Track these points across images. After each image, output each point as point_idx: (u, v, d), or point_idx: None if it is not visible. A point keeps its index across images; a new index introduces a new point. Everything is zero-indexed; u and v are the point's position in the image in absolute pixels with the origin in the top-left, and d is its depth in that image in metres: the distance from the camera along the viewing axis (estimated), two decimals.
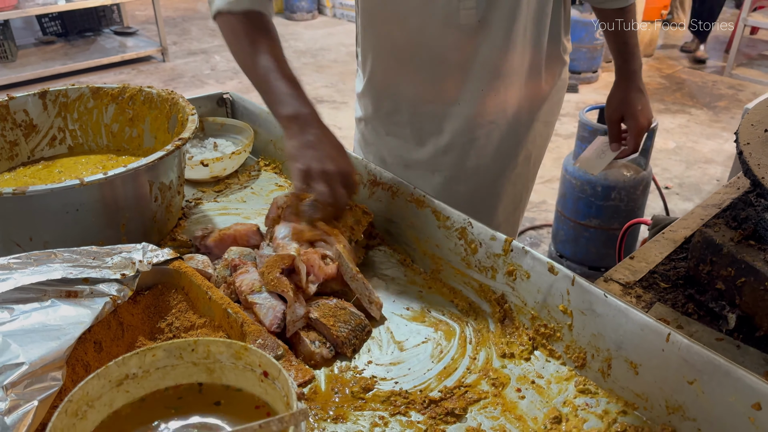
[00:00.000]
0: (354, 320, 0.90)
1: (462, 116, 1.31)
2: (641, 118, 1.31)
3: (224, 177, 1.37)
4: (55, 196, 0.94)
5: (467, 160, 1.37)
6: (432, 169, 1.39)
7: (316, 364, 0.87)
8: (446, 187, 1.39)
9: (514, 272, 0.92)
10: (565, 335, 0.86)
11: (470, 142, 1.35)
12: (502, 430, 0.77)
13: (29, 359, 0.67)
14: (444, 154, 1.37)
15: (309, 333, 0.88)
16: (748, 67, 5.65)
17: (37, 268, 0.82)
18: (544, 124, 1.41)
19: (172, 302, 0.90)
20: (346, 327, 0.89)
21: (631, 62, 1.33)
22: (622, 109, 1.33)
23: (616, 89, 1.36)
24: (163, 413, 0.63)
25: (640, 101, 1.32)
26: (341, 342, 0.88)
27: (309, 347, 0.86)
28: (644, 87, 1.35)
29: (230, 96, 1.56)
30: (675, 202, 3.46)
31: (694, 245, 0.95)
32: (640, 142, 1.33)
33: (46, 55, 5.41)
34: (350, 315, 0.90)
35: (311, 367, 0.86)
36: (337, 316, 0.89)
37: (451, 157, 1.36)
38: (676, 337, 0.73)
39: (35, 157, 1.30)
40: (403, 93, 1.33)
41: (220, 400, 0.64)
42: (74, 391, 0.57)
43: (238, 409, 0.63)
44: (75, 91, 1.29)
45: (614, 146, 1.37)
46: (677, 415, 0.74)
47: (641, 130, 1.32)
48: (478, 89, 1.27)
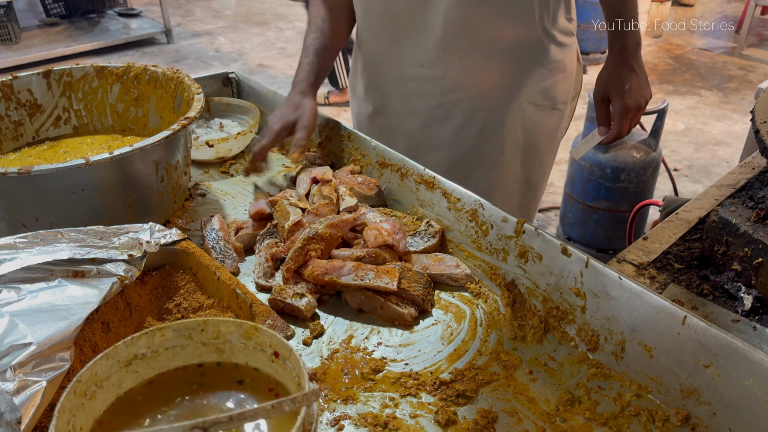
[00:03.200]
0: (422, 278, 0.93)
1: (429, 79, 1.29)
2: (627, 99, 1.19)
3: (230, 158, 1.36)
4: (61, 176, 0.92)
5: (443, 128, 1.33)
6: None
7: (408, 324, 0.89)
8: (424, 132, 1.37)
9: (526, 254, 0.91)
10: (578, 318, 0.85)
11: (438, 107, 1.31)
12: (513, 411, 0.76)
13: (37, 339, 0.67)
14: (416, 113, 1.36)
15: (389, 297, 0.90)
16: (759, 47, 5.57)
17: (44, 247, 0.81)
18: (534, 107, 1.32)
19: (180, 283, 0.89)
20: (419, 285, 0.92)
21: (621, 38, 1.21)
22: (608, 88, 1.22)
23: (605, 67, 1.26)
24: (185, 390, 0.62)
25: (629, 80, 1.20)
26: (421, 299, 0.91)
27: (398, 309, 0.89)
28: (640, 66, 1.22)
29: (236, 75, 1.54)
30: (684, 184, 3.43)
31: (710, 225, 0.94)
32: (625, 126, 1.22)
33: (49, 37, 5.37)
34: (416, 274, 0.94)
35: (402, 329, 0.89)
36: (408, 278, 0.92)
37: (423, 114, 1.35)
38: (693, 320, 0.72)
39: (40, 137, 1.29)
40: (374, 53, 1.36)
41: (243, 378, 0.64)
42: (83, 371, 0.56)
43: (259, 388, 0.63)
44: (79, 70, 1.28)
45: (601, 130, 1.26)
46: (692, 399, 0.73)
47: (625, 111, 1.20)
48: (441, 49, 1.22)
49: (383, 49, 1.32)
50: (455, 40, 1.21)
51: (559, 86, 1.33)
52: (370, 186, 1.14)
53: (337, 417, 0.75)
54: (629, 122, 1.22)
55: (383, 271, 0.90)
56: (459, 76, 1.26)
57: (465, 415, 0.76)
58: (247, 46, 5.60)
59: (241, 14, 6.49)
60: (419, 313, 0.92)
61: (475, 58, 1.24)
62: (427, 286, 0.93)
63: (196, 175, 1.31)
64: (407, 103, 1.35)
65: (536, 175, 1.44)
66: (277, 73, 5.03)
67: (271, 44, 5.68)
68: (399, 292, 0.90)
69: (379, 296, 0.90)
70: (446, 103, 1.30)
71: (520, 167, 1.39)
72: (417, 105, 1.33)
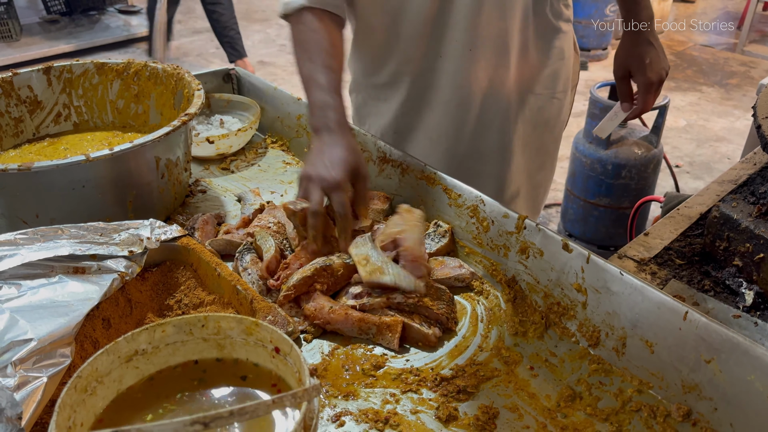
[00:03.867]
0: (444, 295, 0.90)
1: (444, 71, 1.25)
2: (649, 73, 1.22)
3: (230, 154, 1.36)
4: (61, 173, 0.92)
5: (457, 123, 1.31)
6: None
7: (433, 345, 0.85)
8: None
9: (527, 250, 0.90)
10: (579, 313, 0.85)
11: (451, 101, 1.29)
12: (514, 407, 0.76)
13: (38, 335, 0.67)
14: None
15: (413, 317, 0.87)
16: (761, 43, 5.55)
17: (44, 244, 0.81)
18: (535, 96, 1.33)
19: (181, 279, 0.89)
20: (442, 303, 0.88)
21: (636, 12, 1.23)
22: (629, 64, 1.24)
23: (622, 43, 1.27)
24: (186, 386, 0.62)
25: (649, 55, 1.22)
26: (445, 318, 0.87)
27: (422, 330, 0.85)
28: (656, 38, 1.24)
29: (236, 72, 1.53)
30: (685, 180, 3.42)
31: (711, 221, 0.94)
32: (650, 99, 1.24)
33: (50, 34, 5.36)
34: (438, 290, 0.90)
35: (427, 351, 0.85)
36: (431, 295, 0.89)
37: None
38: (694, 315, 0.72)
39: (40, 134, 1.28)
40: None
41: (246, 374, 0.64)
42: (83, 367, 0.56)
43: (262, 383, 0.63)
44: (80, 66, 1.28)
45: (624, 106, 1.28)
46: (693, 394, 0.73)
47: (650, 85, 1.22)
48: (459, 42, 1.21)
49: (410, 44, 1.25)
50: (468, 33, 1.20)
51: (559, 74, 1.33)
52: (382, 200, 1.12)
53: (338, 413, 0.75)
54: (653, 96, 1.25)
55: (384, 327, 0.85)
56: (470, 69, 1.24)
57: (466, 411, 0.76)
58: (248, 43, 5.58)
59: (242, 11, 6.47)
60: (443, 332, 0.87)
61: (485, 50, 1.23)
62: (450, 302, 0.90)
63: (197, 171, 1.31)
64: (427, 97, 1.31)
65: (540, 168, 1.43)
66: (278, 70, 5.03)
67: (272, 41, 5.67)
68: (422, 311, 0.88)
69: (402, 315, 0.87)
70: (456, 97, 1.28)
71: (523, 160, 1.38)
72: (435, 98, 1.30)
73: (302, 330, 0.87)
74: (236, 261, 0.97)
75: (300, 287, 0.89)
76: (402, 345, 0.86)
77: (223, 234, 1.05)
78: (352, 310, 0.87)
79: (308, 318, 0.87)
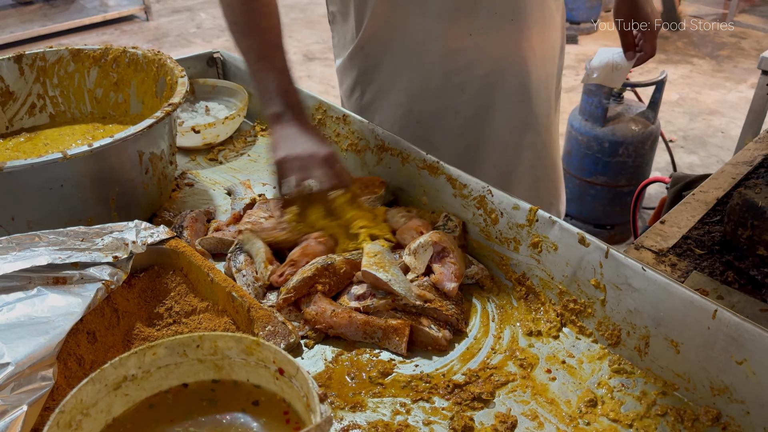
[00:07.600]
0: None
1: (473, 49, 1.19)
2: (653, 18, 1.31)
3: (218, 144, 1.29)
4: (37, 172, 0.85)
5: (487, 108, 1.24)
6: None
7: (443, 348, 0.81)
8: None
9: (540, 244, 0.85)
10: (597, 311, 0.80)
11: (484, 86, 1.23)
12: (534, 415, 0.72)
13: (15, 359, 0.61)
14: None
15: (421, 320, 0.82)
16: (750, 13, 5.49)
17: (20, 253, 0.74)
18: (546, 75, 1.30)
19: (171, 285, 0.83)
20: (451, 303, 0.84)
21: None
22: (633, 14, 1.30)
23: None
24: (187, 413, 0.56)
25: (648, 3, 1.31)
26: (455, 318, 0.82)
27: (431, 333, 0.80)
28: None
29: (221, 55, 1.45)
30: (680, 155, 3.39)
31: (733, 208, 0.89)
32: (655, 44, 1.33)
33: (24, 17, 5.18)
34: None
35: (437, 355, 0.80)
36: (440, 295, 0.84)
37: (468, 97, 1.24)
38: (724, 314, 0.67)
39: (14, 127, 1.20)
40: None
41: (258, 399, 0.58)
42: (66, 400, 0.51)
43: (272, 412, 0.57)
44: (53, 53, 1.19)
45: (630, 55, 1.36)
46: (723, 397, 0.69)
47: (653, 32, 1.31)
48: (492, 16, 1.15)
49: (427, 25, 1.18)
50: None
51: (554, 43, 1.29)
52: (376, 184, 1.04)
53: (346, 426, 0.70)
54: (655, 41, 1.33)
55: (391, 330, 0.80)
56: (505, 41, 1.19)
57: (482, 421, 0.71)
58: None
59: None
60: (453, 334, 0.82)
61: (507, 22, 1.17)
62: (460, 302, 0.85)
63: (183, 163, 1.24)
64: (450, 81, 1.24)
65: (546, 149, 1.36)
66: None
67: None
68: (430, 312, 0.83)
69: (409, 317, 0.82)
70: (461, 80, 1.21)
71: (528, 141, 1.30)
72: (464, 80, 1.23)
73: (303, 336, 0.82)
74: (229, 261, 0.91)
75: (300, 289, 0.83)
76: (410, 349, 0.81)
77: (214, 231, 0.99)
78: (355, 313, 0.81)
79: (309, 322, 0.82)
